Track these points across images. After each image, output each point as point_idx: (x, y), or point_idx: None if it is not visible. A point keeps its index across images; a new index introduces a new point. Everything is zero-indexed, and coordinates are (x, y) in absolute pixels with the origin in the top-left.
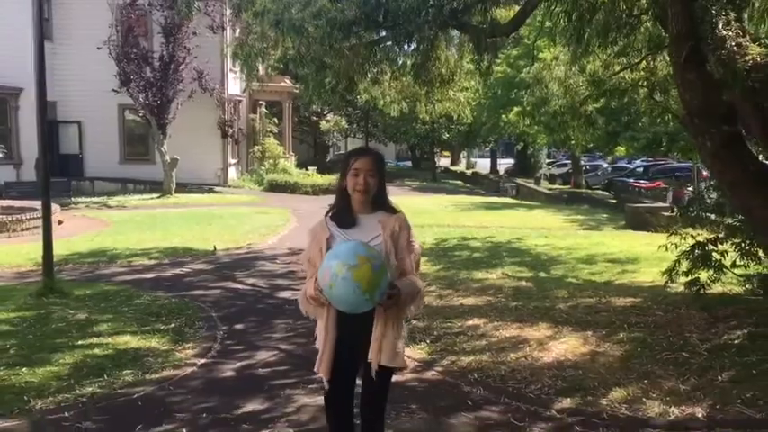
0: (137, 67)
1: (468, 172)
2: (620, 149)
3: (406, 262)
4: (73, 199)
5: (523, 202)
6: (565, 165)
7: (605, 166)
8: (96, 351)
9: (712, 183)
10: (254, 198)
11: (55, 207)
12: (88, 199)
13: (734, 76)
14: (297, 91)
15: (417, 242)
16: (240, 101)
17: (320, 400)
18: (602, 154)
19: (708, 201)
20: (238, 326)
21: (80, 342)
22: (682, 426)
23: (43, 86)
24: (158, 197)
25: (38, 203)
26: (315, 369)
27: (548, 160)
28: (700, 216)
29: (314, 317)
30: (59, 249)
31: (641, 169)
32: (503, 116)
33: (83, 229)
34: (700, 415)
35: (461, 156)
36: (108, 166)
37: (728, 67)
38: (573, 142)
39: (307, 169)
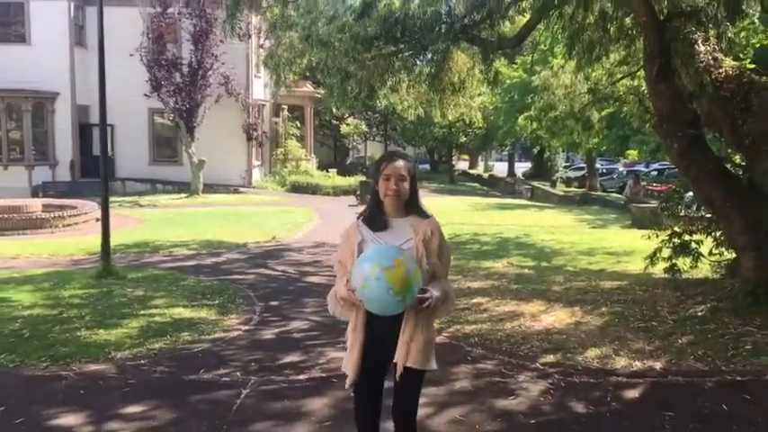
0: (167, 73)
1: (486, 175)
2: (632, 153)
3: (437, 267)
4: None
5: (537, 203)
6: (581, 168)
7: (621, 169)
8: (157, 319)
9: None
10: (278, 198)
11: (92, 205)
12: (120, 198)
13: (702, 88)
14: (318, 95)
15: (448, 247)
16: (264, 105)
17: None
18: (612, 158)
19: (685, 197)
20: (273, 302)
21: (142, 312)
22: (641, 374)
23: (104, 97)
24: (186, 197)
25: (75, 201)
26: (342, 368)
27: (564, 164)
28: (678, 211)
29: (342, 317)
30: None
31: (656, 173)
32: (518, 120)
33: (119, 225)
34: (657, 367)
35: (479, 159)
36: (138, 167)
37: (704, 78)
38: (579, 145)
39: (327, 171)
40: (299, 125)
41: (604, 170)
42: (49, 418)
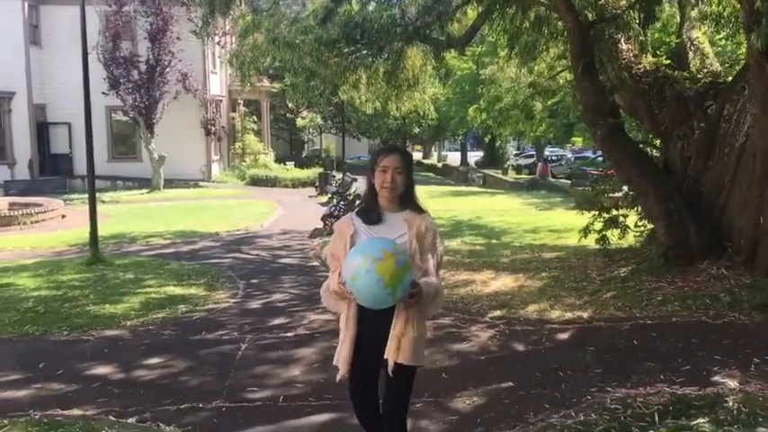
0: (124, 71)
1: (439, 164)
2: (577, 140)
3: (429, 263)
4: (67, 196)
5: (489, 190)
6: (531, 156)
7: (569, 156)
8: (153, 295)
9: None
10: (239, 191)
11: (57, 202)
12: (82, 195)
13: (623, 82)
14: (274, 90)
15: (441, 244)
16: (221, 100)
17: (325, 316)
18: (559, 145)
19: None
20: (254, 280)
21: (138, 291)
22: (571, 322)
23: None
24: (148, 192)
25: (40, 199)
26: (334, 362)
27: (515, 152)
28: (606, 190)
29: (336, 311)
30: (80, 236)
31: (602, 158)
32: (468, 111)
33: (87, 222)
34: (585, 316)
35: (433, 149)
36: (97, 164)
37: (623, 73)
38: (524, 134)
39: (285, 164)
40: (255, 120)
41: (553, 157)
42: (84, 370)
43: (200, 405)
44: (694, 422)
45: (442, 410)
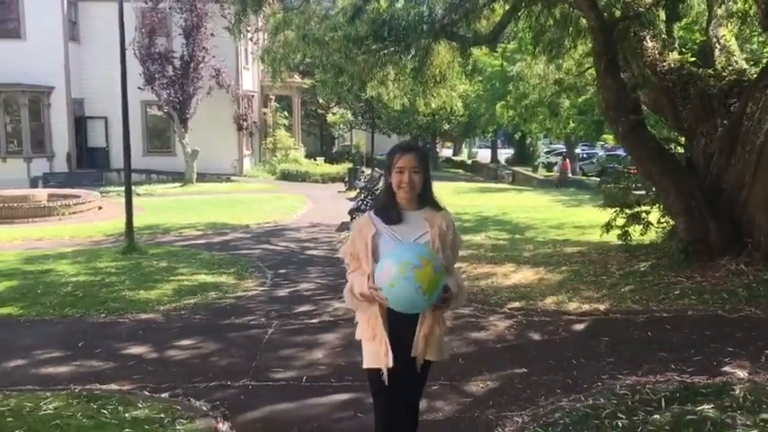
0: (160, 67)
1: (469, 161)
2: (609, 137)
3: (451, 260)
4: (103, 188)
5: (517, 187)
6: (562, 153)
7: (601, 153)
8: (185, 283)
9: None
10: (270, 186)
11: (94, 194)
12: (118, 188)
13: (646, 79)
14: (305, 86)
15: (460, 239)
16: (253, 96)
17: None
18: (592, 143)
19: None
20: (282, 270)
21: (171, 278)
22: (588, 314)
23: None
24: (181, 186)
25: (78, 191)
26: (366, 365)
27: (546, 149)
28: (629, 187)
29: (357, 310)
30: (116, 227)
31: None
32: (496, 107)
33: (122, 213)
34: (602, 308)
35: (463, 146)
36: (133, 158)
37: (646, 70)
38: (551, 130)
39: (315, 159)
40: (287, 115)
41: (585, 155)
42: (121, 349)
43: (228, 383)
44: (699, 408)
45: (457, 393)
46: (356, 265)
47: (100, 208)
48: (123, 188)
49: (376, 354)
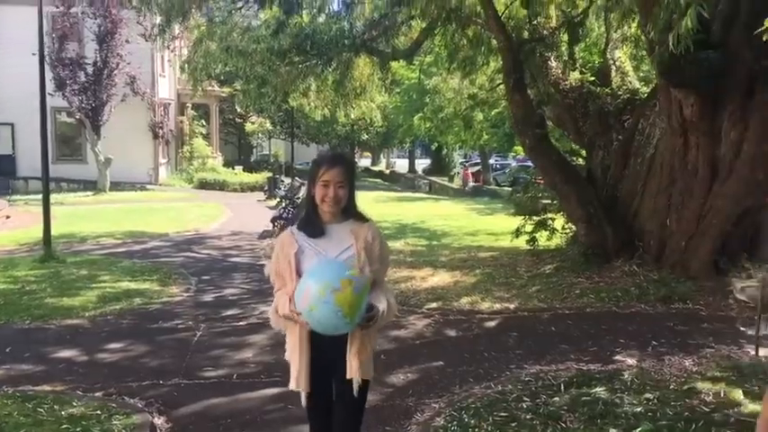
0: (71, 72)
1: (387, 171)
2: (519, 149)
3: (379, 272)
4: (9, 197)
5: (434, 196)
6: (477, 164)
7: (513, 164)
8: (109, 290)
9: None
10: (187, 195)
11: (2, 203)
12: (25, 197)
13: (550, 97)
14: (223, 95)
15: (388, 250)
16: (170, 104)
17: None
18: (504, 154)
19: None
20: (205, 276)
21: (94, 286)
22: (499, 312)
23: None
24: (93, 194)
25: None
26: (291, 386)
27: (461, 160)
28: (536, 196)
29: (285, 331)
30: (28, 236)
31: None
32: (414, 119)
33: (32, 222)
34: (511, 307)
35: (381, 156)
36: (40, 165)
37: (550, 89)
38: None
39: (233, 168)
40: (204, 123)
41: (498, 165)
42: (50, 353)
43: (161, 382)
44: (593, 390)
45: (380, 384)
46: (281, 282)
47: (8, 217)
48: (31, 197)
49: (296, 378)
